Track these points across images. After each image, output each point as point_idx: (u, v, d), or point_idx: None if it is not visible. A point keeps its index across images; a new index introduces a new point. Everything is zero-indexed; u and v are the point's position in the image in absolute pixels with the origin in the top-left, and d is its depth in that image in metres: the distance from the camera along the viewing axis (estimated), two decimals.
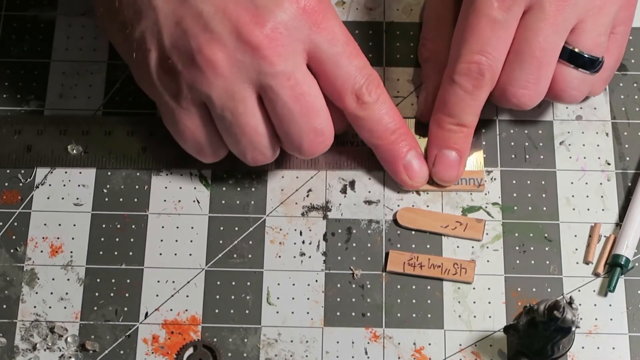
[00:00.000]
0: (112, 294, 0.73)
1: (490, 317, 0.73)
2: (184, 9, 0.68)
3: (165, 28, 0.69)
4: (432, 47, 0.77)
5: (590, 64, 0.73)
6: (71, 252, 0.74)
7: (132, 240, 0.74)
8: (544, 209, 0.75)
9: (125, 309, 0.73)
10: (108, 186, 0.76)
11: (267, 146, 0.71)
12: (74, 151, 0.76)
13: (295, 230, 0.75)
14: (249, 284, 0.73)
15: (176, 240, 0.74)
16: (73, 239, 0.74)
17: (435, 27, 0.77)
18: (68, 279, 0.73)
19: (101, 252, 0.74)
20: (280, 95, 0.69)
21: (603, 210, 0.75)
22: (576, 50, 0.72)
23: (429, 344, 0.72)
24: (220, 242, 0.74)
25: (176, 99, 0.71)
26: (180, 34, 0.69)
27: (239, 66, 0.68)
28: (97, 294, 0.73)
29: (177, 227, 0.75)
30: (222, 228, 0.75)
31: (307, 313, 0.73)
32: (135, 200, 0.75)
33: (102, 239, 0.74)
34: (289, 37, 0.68)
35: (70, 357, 0.71)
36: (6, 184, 0.76)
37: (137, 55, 0.72)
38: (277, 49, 0.68)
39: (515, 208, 0.75)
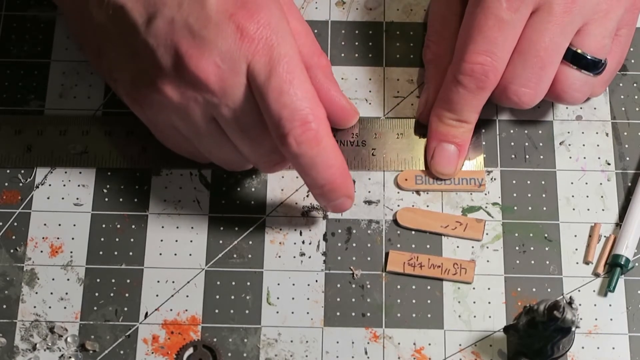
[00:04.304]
0: (112, 294, 0.73)
1: (490, 317, 0.73)
2: (136, 41, 0.68)
3: (124, 60, 0.69)
4: (436, 50, 0.77)
5: (593, 66, 0.73)
6: (71, 252, 0.74)
7: (132, 240, 0.74)
8: (544, 209, 0.75)
9: (125, 309, 0.73)
10: (108, 186, 0.76)
11: (237, 161, 0.72)
12: (74, 151, 0.76)
13: (295, 230, 0.75)
14: (249, 284, 0.73)
15: (176, 240, 0.74)
16: (73, 239, 0.74)
17: (439, 30, 0.77)
18: (68, 279, 0.73)
19: (101, 252, 0.74)
20: (229, 126, 0.68)
21: (603, 210, 0.75)
22: (579, 51, 0.72)
23: (429, 344, 0.72)
24: (220, 242, 0.74)
25: (149, 123, 0.72)
26: (136, 67, 0.69)
27: (188, 97, 0.67)
28: (97, 294, 0.73)
29: (177, 227, 0.75)
30: (222, 228, 0.75)
31: (307, 313, 0.73)
32: (135, 200, 0.75)
33: (102, 239, 0.74)
34: (227, 69, 0.66)
35: (70, 357, 0.71)
36: (6, 184, 0.76)
37: (109, 84, 0.74)
38: (216, 82, 0.66)
39: (515, 208, 0.75)
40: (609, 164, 0.77)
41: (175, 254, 0.74)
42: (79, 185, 0.76)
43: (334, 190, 0.69)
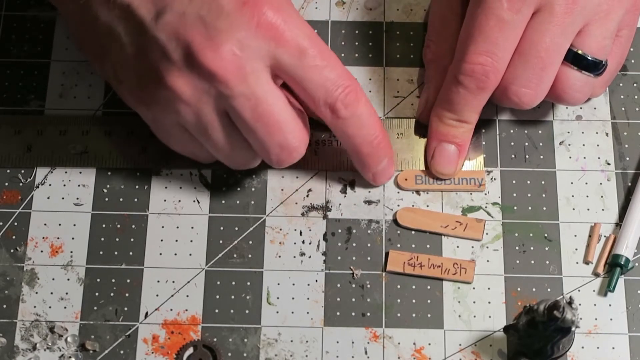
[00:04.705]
0: (112, 294, 0.73)
1: (490, 317, 0.73)
2: (144, 38, 0.68)
3: (130, 60, 0.69)
4: (436, 50, 0.77)
5: (594, 67, 0.73)
6: (71, 252, 0.74)
7: (132, 240, 0.74)
8: (544, 209, 0.75)
9: (125, 309, 0.73)
10: (108, 186, 0.76)
11: (245, 157, 0.72)
12: (74, 151, 0.76)
13: (295, 230, 0.75)
14: (249, 284, 0.73)
15: (176, 240, 0.74)
16: (73, 239, 0.74)
17: (439, 30, 0.77)
18: (68, 279, 0.73)
19: (101, 252, 0.74)
20: (242, 116, 0.68)
21: (603, 210, 0.75)
22: (580, 52, 0.72)
23: (429, 344, 0.72)
24: (220, 242, 0.74)
25: (154, 122, 0.72)
26: (143, 65, 0.68)
27: (200, 91, 0.67)
28: (97, 294, 0.73)
29: (177, 227, 0.75)
30: (222, 228, 0.75)
31: (307, 313, 0.73)
32: (135, 200, 0.75)
33: (102, 239, 0.74)
34: (245, 57, 0.66)
35: (70, 357, 0.71)
36: (6, 184, 0.76)
37: (112, 85, 0.73)
38: (233, 72, 0.66)
39: (515, 208, 0.75)
40: (608, 164, 0.77)
41: (175, 254, 0.74)
42: (79, 185, 0.76)
43: (381, 143, 0.72)
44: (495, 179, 0.76)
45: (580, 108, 0.78)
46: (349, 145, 0.72)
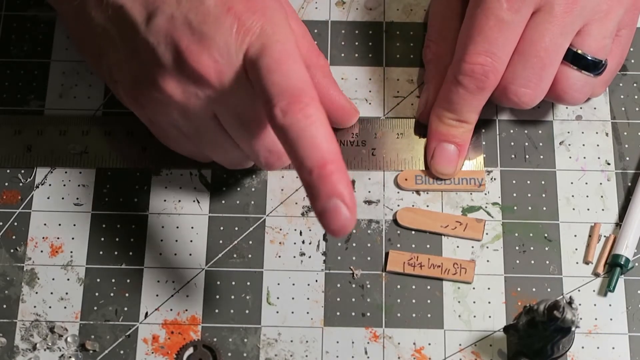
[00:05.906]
0: (112, 294, 0.73)
1: (490, 317, 0.73)
2: (136, 40, 0.68)
3: (125, 61, 0.69)
4: (436, 50, 0.77)
5: (594, 67, 0.73)
6: (71, 252, 0.74)
7: (132, 240, 0.74)
8: (544, 209, 0.75)
9: (125, 309, 0.73)
10: (108, 186, 0.76)
11: (238, 157, 0.72)
12: (74, 151, 0.76)
13: (295, 230, 0.75)
14: (249, 283, 0.73)
15: (176, 240, 0.74)
16: (73, 239, 0.74)
17: (439, 30, 0.77)
18: (68, 279, 0.73)
19: (101, 252, 0.74)
20: (229, 121, 0.68)
21: (603, 210, 0.75)
22: (580, 52, 0.72)
23: (429, 344, 0.72)
24: (220, 242, 0.74)
25: (150, 122, 0.72)
26: (137, 66, 0.68)
27: (190, 93, 0.67)
28: (97, 294, 0.73)
29: (177, 227, 0.75)
30: (222, 228, 0.75)
31: (307, 313, 0.73)
32: (135, 200, 0.75)
33: (102, 239, 0.74)
34: (227, 63, 0.66)
35: (70, 357, 0.71)
36: (6, 184, 0.76)
37: (108, 85, 0.74)
38: (218, 77, 0.66)
39: (515, 208, 0.75)
40: (608, 164, 0.77)
41: (175, 254, 0.74)
42: (79, 185, 0.76)
43: (324, 178, 0.61)
44: (495, 179, 0.76)
45: (580, 108, 0.78)
46: (292, 163, 0.63)
